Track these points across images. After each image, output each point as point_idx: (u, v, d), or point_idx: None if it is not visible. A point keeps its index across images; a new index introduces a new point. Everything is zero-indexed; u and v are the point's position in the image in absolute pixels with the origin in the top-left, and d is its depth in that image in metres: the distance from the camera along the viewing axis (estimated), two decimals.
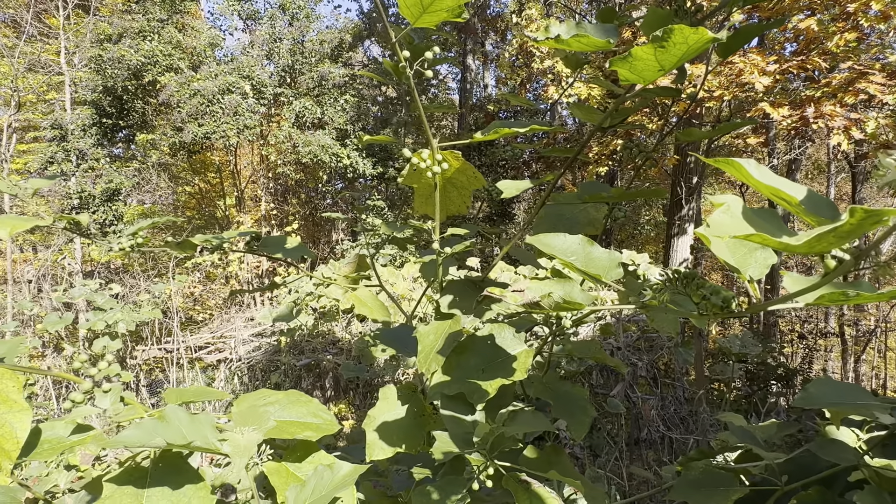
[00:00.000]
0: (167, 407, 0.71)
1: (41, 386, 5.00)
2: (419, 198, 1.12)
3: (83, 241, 10.13)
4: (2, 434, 0.62)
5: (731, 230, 0.40)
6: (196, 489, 0.76)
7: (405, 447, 1.01)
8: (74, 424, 0.74)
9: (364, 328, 5.40)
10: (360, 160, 9.02)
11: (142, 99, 9.22)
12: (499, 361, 0.93)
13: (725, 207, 0.42)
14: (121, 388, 0.72)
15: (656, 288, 0.53)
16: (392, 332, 1.36)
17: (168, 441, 0.63)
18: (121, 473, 0.75)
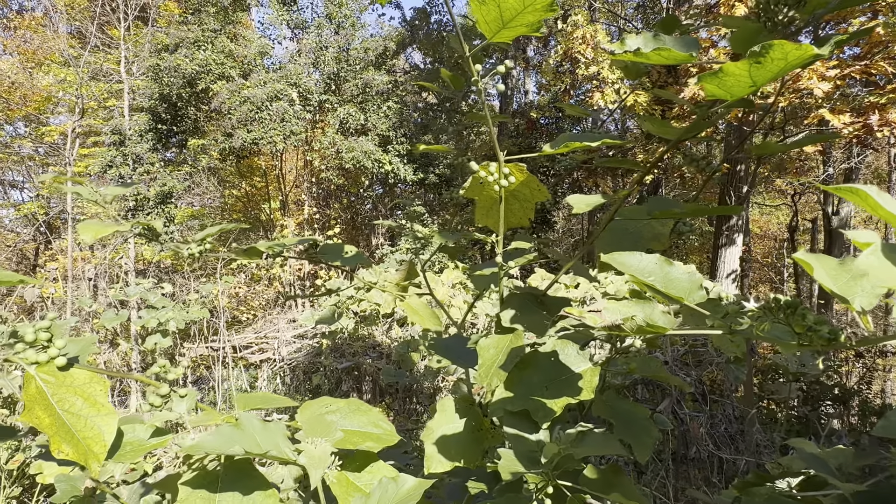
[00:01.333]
0: (241, 415, 0.72)
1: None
2: (480, 210, 1.12)
3: (136, 242, 10.60)
4: (90, 436, 0.65)
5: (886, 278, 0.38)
6: (265, 496, 0.78)
7: (464, 462, 1.00)
8: (153, 428, 0.76)
9: (404, 333, 5.44)
10: (402, 166, 9.11)
11: (194, 106, 9.60)
12: (563, 379, 0.91)
13: (874, 249, 0.40)
14: (196, 394, 0.74)
15: (754, 316, 0.51)
16: (446, 342, 1.36)
17: (246, 450, 0.65)
18: (194, 477, 0.77)
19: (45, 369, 0.67)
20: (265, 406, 0.89)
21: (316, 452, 0.63)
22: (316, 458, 0.63)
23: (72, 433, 0.63)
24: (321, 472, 0.61)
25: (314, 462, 0.62)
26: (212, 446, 0.67)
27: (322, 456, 0.63)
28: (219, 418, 0.76)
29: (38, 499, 3.30)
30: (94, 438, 0.65)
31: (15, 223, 13.87)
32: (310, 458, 0.62)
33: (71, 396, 0.66)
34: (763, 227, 17.80)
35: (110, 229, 1.05)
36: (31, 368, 0.65)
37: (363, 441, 0.92)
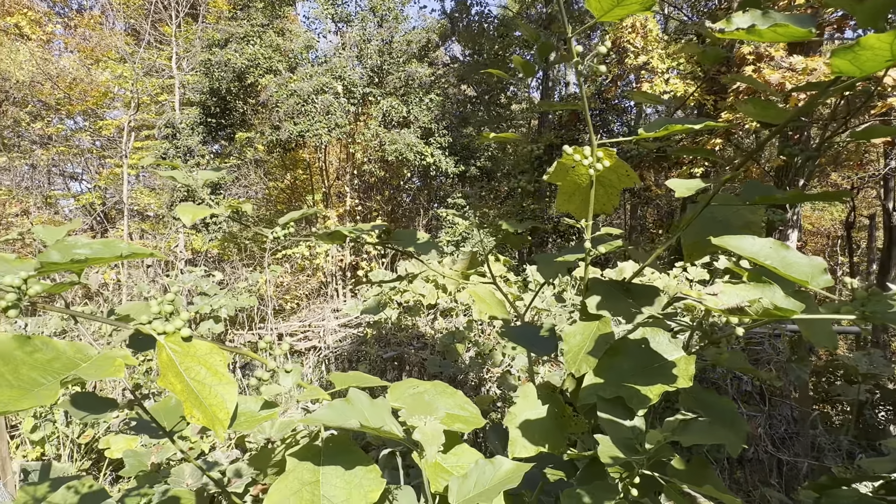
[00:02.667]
0: (352, 391, 0.74)
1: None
2: (562, 195, 1.11)
3: (186, 231, 11.00)
4: (215, 404, 0.68)
5: None
6: (366, 471, 0.80)
7: (548, 447, 1.00)
8: (262, 401, 0.79)
9: (448, 324, 5.46)
10: (443, 158, 9.12)
11: (242, 99, 9.86)
12: (655, 367, 0.90)
13: None
14: (300, 370, 0.76)
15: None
16: (517, 330, 1.35)
17: (363, 424, 0.66)
18: (300, 450, 0.80)
19: (172, 339, 0.70)
20: (358, 384, 0.91)
21: (427, 429, 0.65)
22: (429, 434, 0.64)
23: (199, 399, 0.66)
24: (436, 448, 0.62)
25: (428, 439, 0.63)
26: (328, 419, 0.69)
27: (434, 433, 0.64)
28: (324, 394, 0.79)
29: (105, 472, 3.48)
30: (218, 406, 0.68)
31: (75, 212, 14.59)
32: (423, 435, 0.63)
33: (196, 365, 0.69)
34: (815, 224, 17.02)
35: (206, 212, 1.09)
36: (160, 338, 0.69)
37: (453, 423, 0.93)
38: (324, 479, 0.78)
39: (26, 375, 0.54)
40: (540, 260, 1.47)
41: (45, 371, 0.56)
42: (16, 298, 0.56)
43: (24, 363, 0.55)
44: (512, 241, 1.88)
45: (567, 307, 4.61)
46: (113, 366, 0.57)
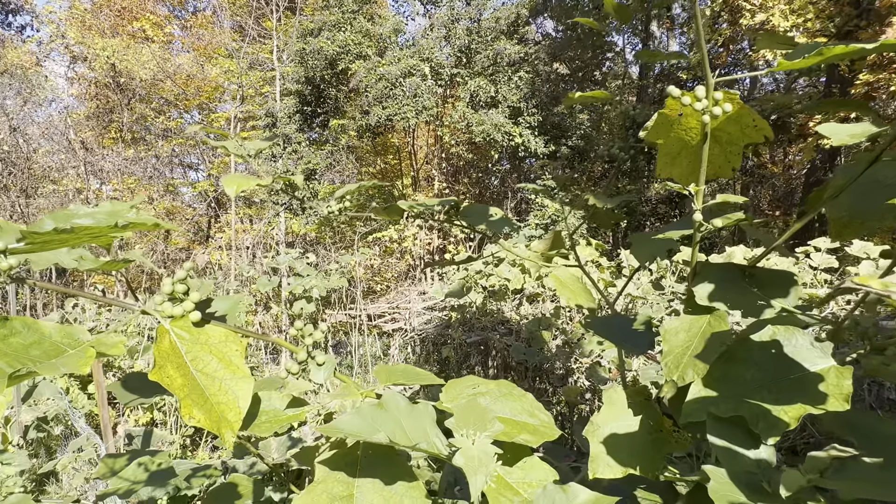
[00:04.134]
0: (386, 394, 0.61)
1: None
2: (664, 157, 0.89)
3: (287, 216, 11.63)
4: (224, 402, 0.57)
5: None
6: (409, 488, 0.66)
7: (640, 469, 0.81)
8: (290, 398, 0.68)
9: (534, 310, 5.25)
10: (532, 138, 8.79)
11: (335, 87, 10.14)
12: (793, 379, 0.67)
13: None
14: (335, 361, 0.63)
15: None
16: (605, 321, 1.15)
17: (392, 439, 0.52)
18: (333, 457, 0.68)
19: (180, 324, 0.60)
20: (407, 381, 0.78)
21: (475, 451, 0.49)
22: (475, 459, 0.49)
23: (205, 396, 0.55)
24: (483, 479, 0.47)
25: (474, 465, 0.48)
26: (352, 430, 0.56)
27: (483, 457, 0.49)
28: (358, 394, 0.66)
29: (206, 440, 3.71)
30: (229, 404, 0.57)
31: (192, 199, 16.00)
32: (468, 460, 0.48)
33: (205, 355, 0.59)
34: None
35: (252, 182, 1.01)
36: (165, 322, 0.59)
37: (518, 432, 0.77)
38: (359, 493, 0.66)
39: None
40: (635, 240, 1.25)
41: (17, 359, 0.47)
42: None
43: None
44: (601, 219, 1.65)
45: (666, 296, 4.21)
46: (82, 358, 0.48)
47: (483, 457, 0.50)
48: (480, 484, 0.48)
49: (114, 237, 0.60)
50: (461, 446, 0.50)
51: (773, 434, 0.62)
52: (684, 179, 0.89)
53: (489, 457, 0.50)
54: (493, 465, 0.49)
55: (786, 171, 13.79)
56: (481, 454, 0.50)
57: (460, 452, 0.50)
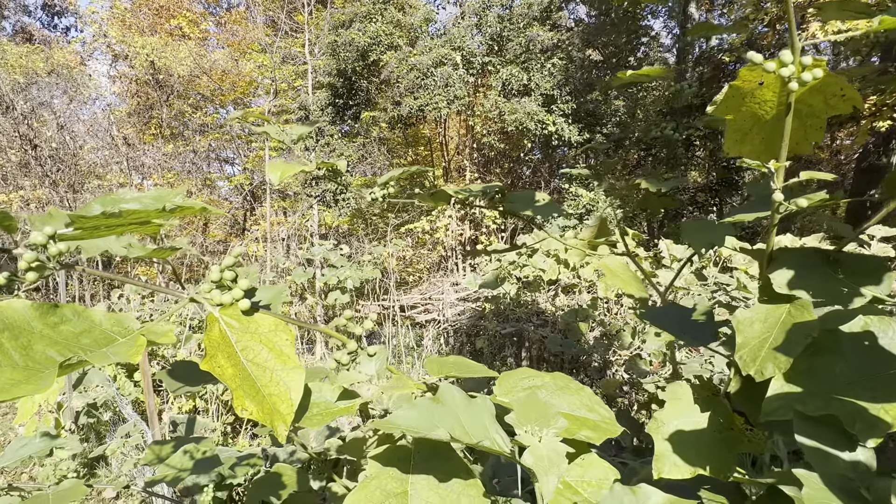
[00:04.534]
0: (443, 387, 0.57)
1: None
2: (734, 133, 0.82)
3: (320, 208, 11.76)
4: (276, 393, 0.54)
5: None
6: (465, 486, 0.62)
7: (710, 470, 0.75)
8: (340, 390, 0.65)
9: (570, 301, 5.16)
10: (566, 126, 8.61)
11: (366, 79, 10.15)
12: (892, 374, 0.60)
13: None
14: (387, 353, 0.60)
15: None
16: (661, 311, 1.09)
17: (452, 436, 0.49)
18: (385, 452, 0.65)
19: (230, 312, 0.58)
20: (459, 374, 0.74)
21: (543, 450, 0.45)
22: (545, 458, 0.44)
23: (256, 388, 0.53)
24: (555, 480, 0.43)
25: (544, 465, 0.44)
26: (410, 425, 0.53)
27: (554, 456, 0.44)
28: (413, 386, 0.62)
29: (246, 427, 3.78)
30: (281, 396, 0.54)
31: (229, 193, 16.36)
32: (538, 459, 0.44)
33: (256, 345, 0.56)
34: None
35: (296, 168, 0.99)
36: (214, 310, 0.57)
37: (578, 429, 0.72)
38: (413, 491, 0.62)
39: (40, 353, 0.43)
40: (689, 226, 1.18)
41: (68, 348, 0.45)
42: (34, 258, 0.46)
43: (43, 337, 0.45)
44: (652, 204, 1.58)
45: (709, 286, 4.06)
46: (133, 347, 0.45)
47: (553, 456, 0.46)
48: (552, 485, 0.44)
49: (160, 223, 0.57)
50: (528, 444, 0.46)
51: (874, 435, 0.55)
52: (756, 157, 0.83)
53: (560, 456, 0.46)
54: (564, 466, 0.45)
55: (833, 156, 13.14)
56: (551, 453, 0.46)
57: (529, 451, 0.46)
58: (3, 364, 0.41)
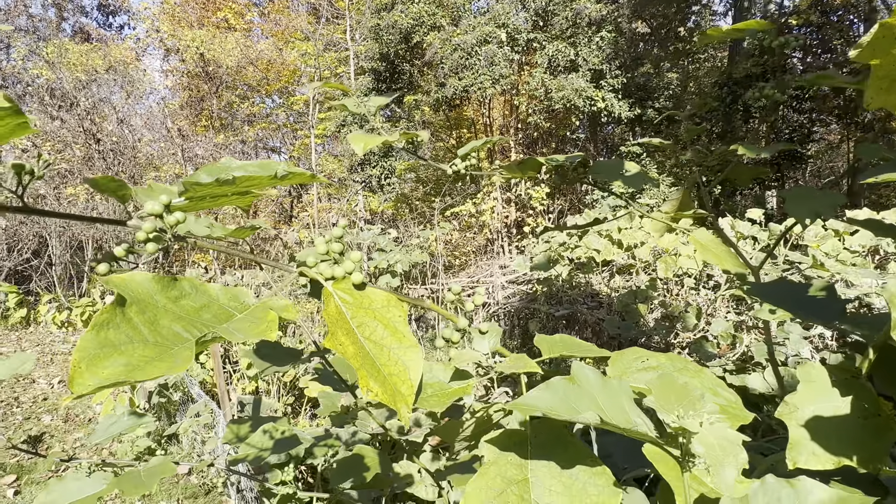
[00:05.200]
0: (575, 366, 0.52)
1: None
2: (881, 80, 0.71)
3: (365, 193, 11.87)
4: (395, 373, 0.50)
5: None
6: (592, 474, 0.57)
7: (857, 461, 0.67)
8: (453, 369, 0.61)
9: (626, 282, 5.00)
10: (616, 102, 8.29)
11: (409, 62, 10.08)
12: None
13: None
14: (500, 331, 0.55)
15: None
16: (773, 287, 1.00)
17: (604, 419, 0.43)
18: (501, 436, 0.61)
19: (342, 286, 0.54)
20: (569, 353, 0.68)
21: (710, 437, 0.39)
22: (716, 447, 0.38)
23: (376, 367, 0.49)
24: (733, 472, 0.37)
25: (717, 454, 0.38)
26: (545, 406, 0.48)
27: (726, 444, 0.38)
28: (533, 366, 0.58)
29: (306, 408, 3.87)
30: (400, 376, 0.50)
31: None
32: (708, 448, 0.38)
33: (370, 321, 0.53)
34: None
35: (377, 140, 0.95)
36: (328, 284, 0.53)
37: None
38: (533, 477, 0.58)
39: (167, 329, 0.41)
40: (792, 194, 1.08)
41: (192, 323, 0.43)
42: (153, 228, 0.43)
43: (167, 312, 0.42)
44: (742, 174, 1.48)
45: (779, 265, 3.83)
46: (264, 322, 0.42)
47: (726, 444, 0.40)
48: (731, 478, 0.38)
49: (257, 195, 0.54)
50: (693, 430, 0.40)
51: None
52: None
53: (733, 444, 0.40)
54: (743, 456, 0.39)
55: None
56: (722, 441, 0.40)
57: (697, 439, 0.40)
58: (135, 339, 0.38)
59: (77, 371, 0.34)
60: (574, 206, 10.27)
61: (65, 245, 9.55)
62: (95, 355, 0.35)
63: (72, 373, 0.34)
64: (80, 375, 0.34)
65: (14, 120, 0.36)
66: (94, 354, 0.35)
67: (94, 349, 0.36)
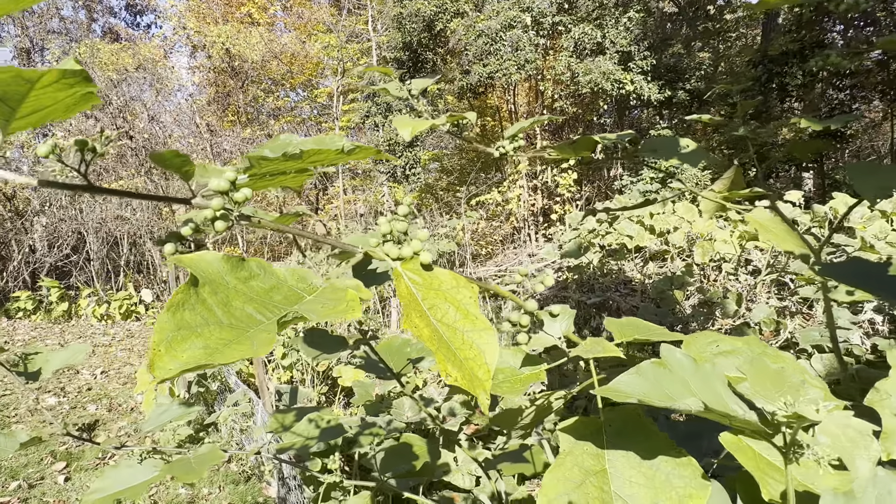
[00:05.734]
0: (664, 349, 0.48)
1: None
2: None
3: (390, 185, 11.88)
4: (471, 357, 0.47)
5: None
6: (677, 465, 0.53)
7: None
8: (524, 354, 0.58)
9: (659, 269, 4.89)
10: (645, 84, 8.07)
11: (432, 50, 10.00)
12: None
13: None
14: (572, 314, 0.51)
15: None
16: (845, 266, 0.94)
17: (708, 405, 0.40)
18: (576, 424, 0.58)
19: (410, 267, 0.51)
20: (641, 336, 0.64)
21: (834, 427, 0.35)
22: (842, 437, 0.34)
23: (452, 351, 0.46)
24: (867, 464, 0.33)
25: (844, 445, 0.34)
26: (638, 391, 0.44)
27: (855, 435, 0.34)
28: (613, 350, 0.54)
29: (339, 397, 3.90)
30: (476, 360, 0.47)
31: None
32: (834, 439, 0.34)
33: (441, 303, 0.50)
34: None
35: (425, 124, 0.91)
36: (396, 264, 0.51)
37: None
38: (612, 469, 0.55)
39: (239, 310, 0.38)
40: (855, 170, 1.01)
41: (264, 305, 0.40)
42: (221, 206, 0.41)
43: (238, 293, 0.40)
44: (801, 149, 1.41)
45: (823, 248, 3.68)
46: (345, 301, 0.40)
47: (854, 434, 0.36)
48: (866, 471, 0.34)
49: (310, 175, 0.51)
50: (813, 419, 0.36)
51: None
52: None
53: (863, 435, 0.36)
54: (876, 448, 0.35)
55: None
56: (847, 430, 0.36)
57: (820, 429, 0.36)
58: (210, 321, 0.36)
59: (157, 354, 0.32)
60: (601, 192, 10.10)
61: (101, 241, 9.84)
62: (174, 338, 0.33)
63: (152, 356, 0.32)
64: (161, 359, 0.32)
65: (83, 88, 0.34)
66: (172, 337, 0.33)
67: (172, 331, 0.33)
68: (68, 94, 0.35)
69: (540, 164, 10.72)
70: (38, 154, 0.43)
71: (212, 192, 0.45)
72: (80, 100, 0.36)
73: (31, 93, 0.32)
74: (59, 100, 0.35)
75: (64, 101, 0.36)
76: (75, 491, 2.76)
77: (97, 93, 0.36)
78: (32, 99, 0.33)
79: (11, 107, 0.33)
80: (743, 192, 1.32)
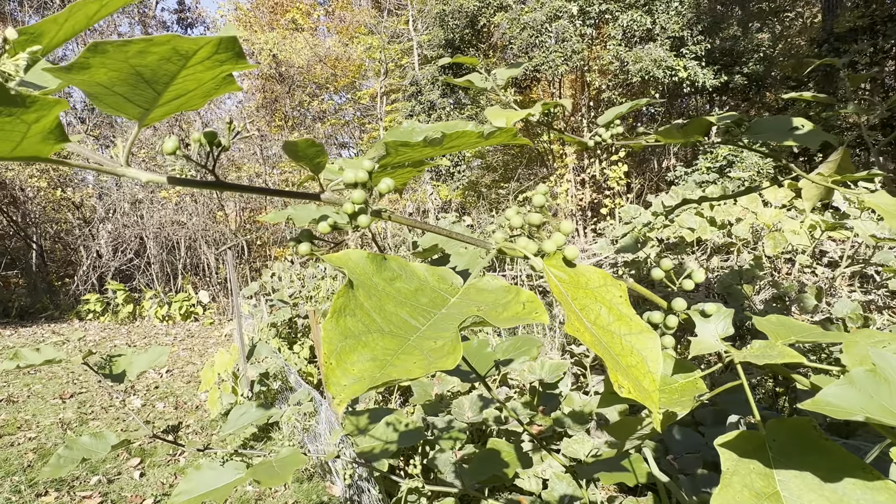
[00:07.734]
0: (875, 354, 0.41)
1: None
2: None
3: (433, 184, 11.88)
4: (634, 364, 0.41)
5: None
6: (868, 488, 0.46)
7: None
8: (674, 360, 0.51)
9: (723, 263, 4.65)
10: (700, 70, 7.72)
11: (475, 46, 9.92)
12: None
13: None
14: (730, 312, 0.44)
15: None
16: None
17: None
18: (737, 439, 0.51)
19: (553, 263, 0.46)
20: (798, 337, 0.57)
21: None
22: None
23: (613, 358, 0.40)
24: None
25: None
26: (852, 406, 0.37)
27: None
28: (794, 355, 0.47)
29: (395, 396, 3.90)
30: (638, 367, 0.42)
31: None
32: None
33: (592, 303, 0.44)
34: None
35: (520, 115, 0.86)
36: (538, 261, 0.45)
37: None
38: (785, 492, 0.48)
39: (394, 315, 0.34)
40: None
41: (415, 309, 0.36)
42: (363, 199, 0.37)
43: (388, 296, 0.35)
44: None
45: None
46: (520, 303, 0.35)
47: None
48: None
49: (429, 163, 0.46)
50: None
51: None
52: None
53: None
54: None
55: None
56: None
57: None
58: (371, 329, 0.31)
59: (329, 368, 0.28)
60: (653, 184, 9.77)
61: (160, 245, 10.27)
62: (342, 349, 0.29)
63: (326, 372, 0.27)
64: (333, 373, 0.28)
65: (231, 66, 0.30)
66: (340, 348, 0.29)
67: (339, 341, 0.29)
68: (212, 76, 0.31)
69: (588, 157, 10.45)
70: (164, 151, 0.40)
71: (341, 187, 0.41)
72: (222, 83, 0.32)
73: (181, 72, 0.29)
74: (202, 83, 0.31)
75: (205, 86, 0.32)
76: (150, 486, 2.86)
77: None
78: (179, 81, 0.30)
79: (158, 91, 0.30)
80: (859, 175, 1.21)
